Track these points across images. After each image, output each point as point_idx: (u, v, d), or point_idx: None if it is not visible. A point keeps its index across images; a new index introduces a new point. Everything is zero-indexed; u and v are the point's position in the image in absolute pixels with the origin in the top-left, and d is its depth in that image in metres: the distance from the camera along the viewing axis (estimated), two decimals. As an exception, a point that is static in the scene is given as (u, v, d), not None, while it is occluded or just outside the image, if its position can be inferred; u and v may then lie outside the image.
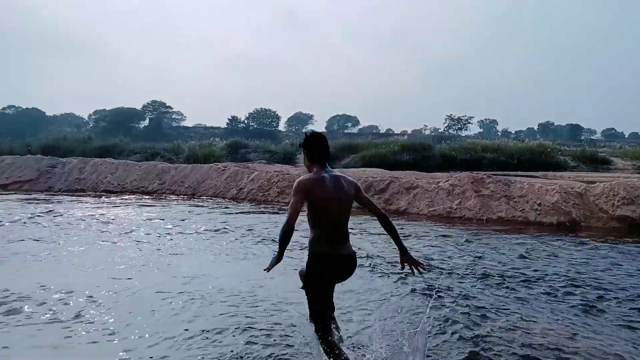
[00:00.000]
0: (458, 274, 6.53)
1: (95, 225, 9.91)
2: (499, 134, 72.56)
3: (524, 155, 26.84)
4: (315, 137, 3.20)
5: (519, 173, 19.97)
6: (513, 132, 74.29)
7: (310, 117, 72.39)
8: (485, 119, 77.95)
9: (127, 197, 15.94)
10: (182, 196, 16.70)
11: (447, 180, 14.16)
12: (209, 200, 15.80)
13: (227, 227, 10.10)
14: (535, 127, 77.67)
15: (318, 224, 2.96)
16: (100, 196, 15.93)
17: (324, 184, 2.97)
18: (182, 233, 9.28)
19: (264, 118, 64.36)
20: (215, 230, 9.60)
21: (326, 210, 2.95)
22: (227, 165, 18.10)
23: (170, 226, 10.12)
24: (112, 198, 15.58)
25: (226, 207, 13.99)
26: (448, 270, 6.72)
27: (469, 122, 64.54)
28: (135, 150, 31.80)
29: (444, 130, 64.92)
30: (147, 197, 16.15)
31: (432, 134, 60.99)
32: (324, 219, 2.96)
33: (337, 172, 3.26)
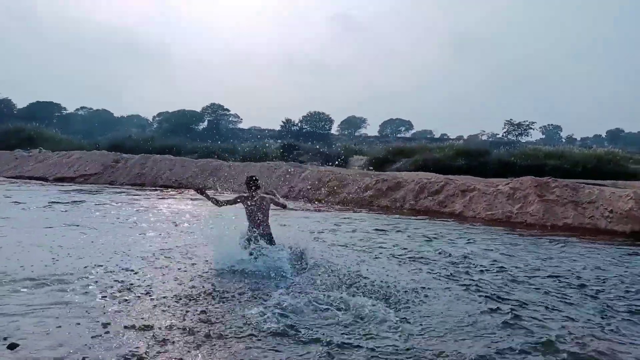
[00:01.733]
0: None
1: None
2: (563, 140, 68.43)
3: (590, 162, 24.96)
4: (249, 177, 6.30)
5: (586, 181, 18.58)
6: (578, 139, 69.82)
7: (363, 120, 71.93)
8: (549, 125, 73.82)
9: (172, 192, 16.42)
10: (234, 193, 16.94)
11: (508, 184, 13.39)
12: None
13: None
14: (604, 134, 72.58)
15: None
16: (161, 190, 16.54)
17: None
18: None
19: (317, 121, 64.66)
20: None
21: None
22: (279, 164, 18.22)
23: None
24: (170, 192, 16.11)
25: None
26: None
27: (530, 128, 61.26)
28: (194, 150, 32.94)
29: (503, 135, 62.13)
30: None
31: (490, 139, 58.55)
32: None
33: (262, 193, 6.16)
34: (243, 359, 3.29)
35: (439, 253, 7.40)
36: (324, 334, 3.66)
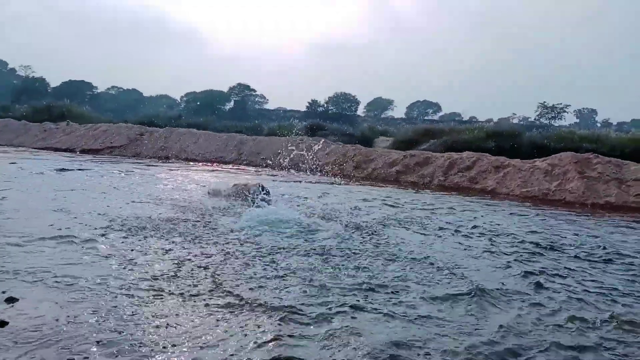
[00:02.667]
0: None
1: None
2: (598, 124, 65.38)
3: (627, 147, 23.43)
4: None
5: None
6: (615, 123, 66.57)
7: (390, 102, 70.49)
8: (583, 109, 70.59)
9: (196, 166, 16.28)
10: (257, 167, 16.68)
11: (545, 160, 12.61)
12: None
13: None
14: (642, 119, 69.09)
15: None
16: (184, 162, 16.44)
17: None
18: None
19: (343, 102, 63.74)
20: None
21: None
22: (303, 139, 17.80)
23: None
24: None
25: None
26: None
27: (564, 111, 58.65)
28: (220, 129, 32.88)
29: (535, 119, 59.80)
30: (224, 165, 16.39)
31: (521, 122, 56.42)
32: None
33: None
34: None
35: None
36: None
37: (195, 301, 3.14)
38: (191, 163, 16.62)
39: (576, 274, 4.36)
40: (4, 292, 3.18)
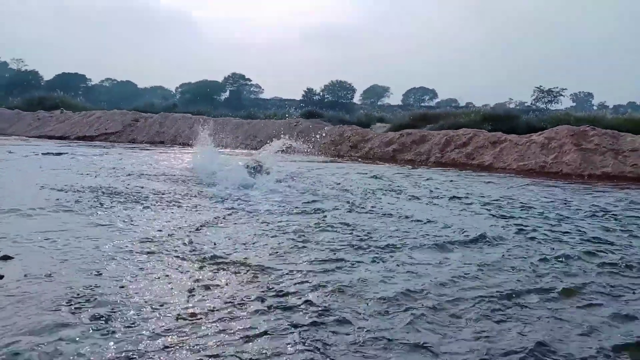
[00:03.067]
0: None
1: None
2: (595, 108, 65.16)
3: (624, 127, 23.30)
4: None
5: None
6: (611, 106, 66.27)
7: (386, 89, 70.11)
8: (580, 92, 70.42)
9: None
10: (254, 150, 16.58)
11: (542, 134, 12.57)
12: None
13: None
14: (639, 102, 69.00)
15: None
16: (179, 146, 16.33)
17: None
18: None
19: (340, 90, 63.44)
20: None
21: None
22: (299, 120, 17.71)
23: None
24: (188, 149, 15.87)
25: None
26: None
27: (561, 95, 58.34)
28: (214, 117, 32.71)
29: (532, 103, 59.58)
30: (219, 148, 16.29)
31: (518, 107, 56.22)
32: None
33: None
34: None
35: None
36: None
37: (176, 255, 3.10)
38: (187, 147, 16.51)
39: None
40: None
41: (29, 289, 2.44)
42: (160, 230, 3.76)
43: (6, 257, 3.32)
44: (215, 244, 3.46)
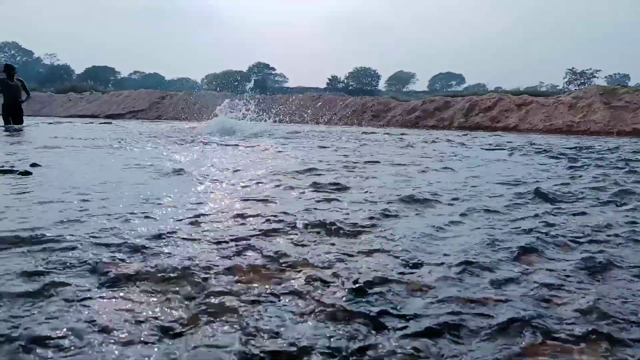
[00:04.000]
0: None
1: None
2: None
3: None
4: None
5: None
6: (651, 87, 63.53)
7: (412, 75, 69.16)
8: (615, 74, 67.73)
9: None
10: (277, 122, 16.70)
11: (569, 94, 12.19)
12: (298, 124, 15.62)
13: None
14: (682, 83, 65.72)
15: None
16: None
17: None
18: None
19: (364, 77, 63.02)
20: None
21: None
22: (323, 93, 17.71)
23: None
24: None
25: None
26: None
27: (594, 77, 56.21)
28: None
29: (564, 87, 57.72)
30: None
31: (550, 91, 54.58)
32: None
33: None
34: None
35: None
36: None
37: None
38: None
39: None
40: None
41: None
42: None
43: (35, 165, 3.53)
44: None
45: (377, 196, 2.14)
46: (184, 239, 1.39)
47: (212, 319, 0.89)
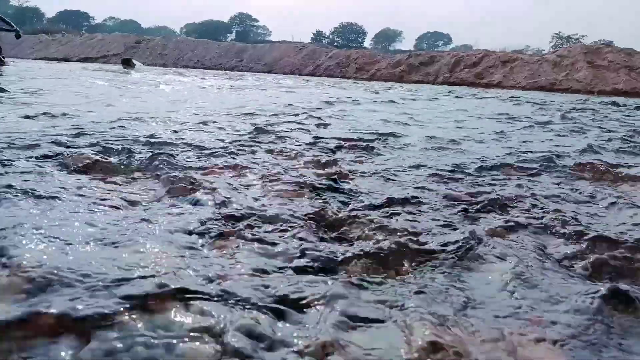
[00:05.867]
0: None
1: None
2: (616, 57, 62.94)
3: None
4: None
5: None
6: (634, 56, 64.03)
7: (398, 33, 67.86)
8: (600, 40, 67.90)
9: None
10: (258, 73, 16.30)
11: (554, 52, 12.16)
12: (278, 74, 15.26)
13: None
14: (663, 52, 66.36)
15: None
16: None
17: None
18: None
19: (350, 33, 61.59)
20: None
21: None
22: (306, 44, 17.25)
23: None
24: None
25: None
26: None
27: (580, 42, 56.52)
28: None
29: (550, 51, 57.67)
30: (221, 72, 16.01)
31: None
32: None
33: None
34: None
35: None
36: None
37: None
38: (189, 69, 16.25)
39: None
40: None
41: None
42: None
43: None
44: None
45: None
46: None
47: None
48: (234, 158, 1.60)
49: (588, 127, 3.41)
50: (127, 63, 12.58)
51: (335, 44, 63.45)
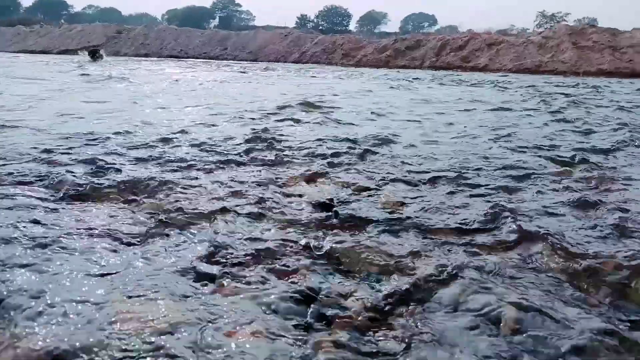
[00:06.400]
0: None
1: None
2: (599, 34, 63.20)
3: None
4: None
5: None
6: (617, 33, 64.38)
7: (384, 15, 67.27)
8: (584, 18, 68.06)
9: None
10: (243, 61, 16.10)
11: (540, 33, 12.18)
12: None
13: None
14: (646, 28, 66.86)
15: None
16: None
17: None
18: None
19: (335, 16, 60.91)
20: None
21: None
22: (291, 30, 17.05)
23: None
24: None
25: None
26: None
27: (564, 20, 56.53)
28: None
29: (534, 30, 57.72)
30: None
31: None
32: None
33: None
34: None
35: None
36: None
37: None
38: (172, 58, 15.98)
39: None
40: None
41: None
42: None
43: None
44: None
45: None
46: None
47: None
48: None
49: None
50: (94, 54, 12.51)
51: (320, 27, 62.80)
